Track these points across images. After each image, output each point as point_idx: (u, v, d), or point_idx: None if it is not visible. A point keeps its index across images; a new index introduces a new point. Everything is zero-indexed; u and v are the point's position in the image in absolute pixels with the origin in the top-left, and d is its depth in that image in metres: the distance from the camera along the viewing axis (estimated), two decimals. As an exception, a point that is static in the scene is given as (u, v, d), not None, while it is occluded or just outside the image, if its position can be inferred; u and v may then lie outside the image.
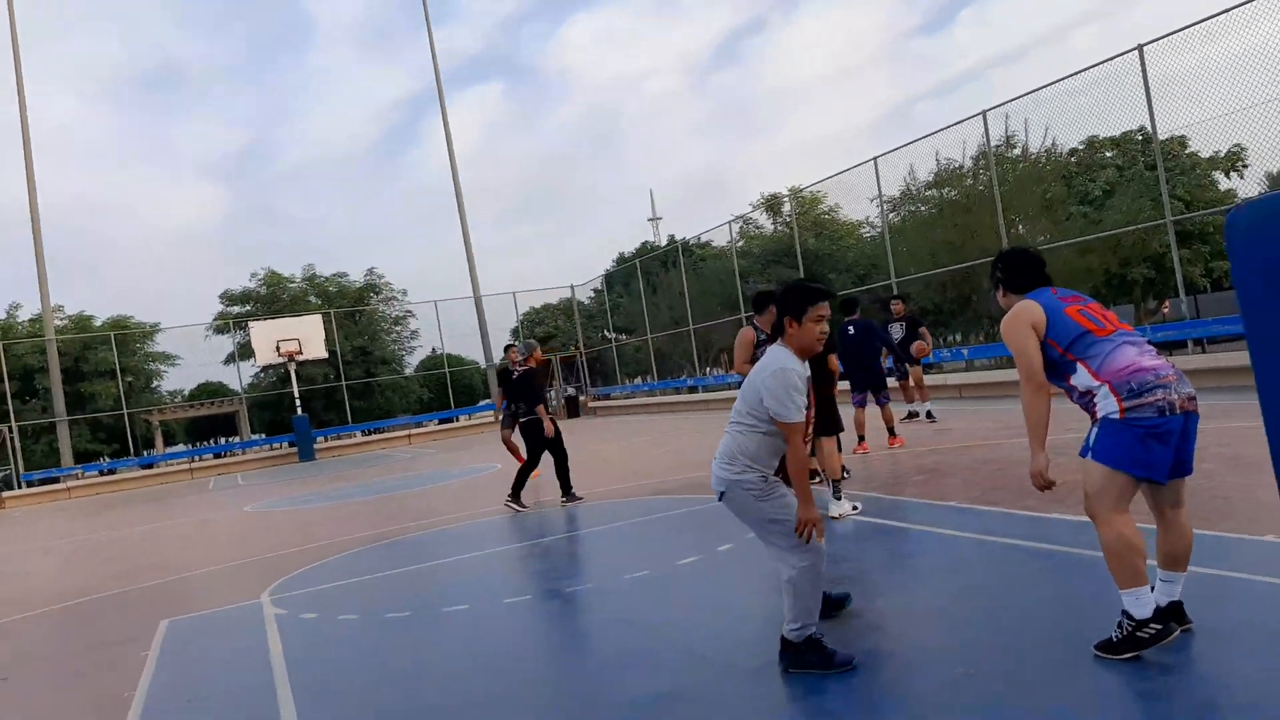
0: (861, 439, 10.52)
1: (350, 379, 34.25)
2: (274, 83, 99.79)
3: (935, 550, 5.64)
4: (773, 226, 33.23)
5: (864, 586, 4.89)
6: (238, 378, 34.04)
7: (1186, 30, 12.93)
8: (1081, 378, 3.46)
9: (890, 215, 23.11)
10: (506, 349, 10.96)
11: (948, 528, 6.04)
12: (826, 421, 6.86)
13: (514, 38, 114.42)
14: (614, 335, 36.91)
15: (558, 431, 9.90)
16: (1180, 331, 15.01)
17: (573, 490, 9.79)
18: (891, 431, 10.75)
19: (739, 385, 5.01)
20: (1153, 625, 3.34)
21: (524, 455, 10.14)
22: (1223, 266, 25.38)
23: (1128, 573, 3.37)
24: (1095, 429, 3.42)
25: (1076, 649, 3.48)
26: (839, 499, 6.93)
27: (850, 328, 10.63)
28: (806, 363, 3.78)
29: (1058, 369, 3.52)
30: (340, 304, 37.25)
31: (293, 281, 38.66)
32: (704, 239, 33.16)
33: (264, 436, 35.20)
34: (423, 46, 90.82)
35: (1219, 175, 24.75)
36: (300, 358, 28.86)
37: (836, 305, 8.99)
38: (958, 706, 3.16)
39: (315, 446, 28.07)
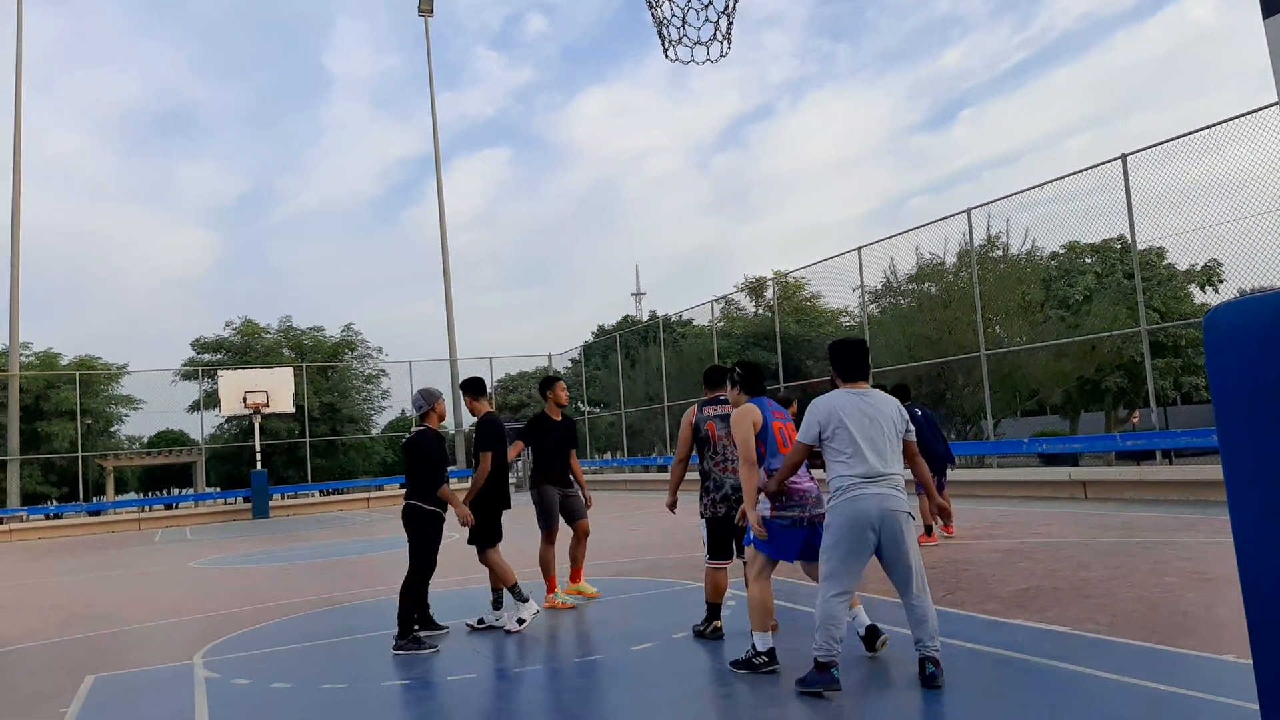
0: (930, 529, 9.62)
1: (315, 435, 33.66)
2: (283, 131, 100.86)
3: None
4: (754, 309, 33.47)
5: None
6: (200, 427, 33.32)
7: (1169, 144, 13.28)
8: (762, 478, 4.92)
9: (870, 307, 23.28)
10: (551, 382, 7.85)
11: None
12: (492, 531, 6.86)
13: (527, 106, 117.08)
14: (588, 408, 36.68)
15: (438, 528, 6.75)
16: (1149, 441, 15.06)
17: (416, 632, 6.44)
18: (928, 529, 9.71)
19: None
20: (764, 657, 4.87)
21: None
22: (1193, 381, 25.59)
23: (757, 621, 4.94)
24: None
25: None
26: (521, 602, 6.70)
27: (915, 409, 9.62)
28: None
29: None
30: (314, 358, 36.86)
31: (268, 332, 38.31)
32: (685, 317, 33.30)
33: (219, 490, 34.32)
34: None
35: (1194, 289, 25.10)
36: (266, 410, 28.23)
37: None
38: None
39: (271, 504, 27.30)
